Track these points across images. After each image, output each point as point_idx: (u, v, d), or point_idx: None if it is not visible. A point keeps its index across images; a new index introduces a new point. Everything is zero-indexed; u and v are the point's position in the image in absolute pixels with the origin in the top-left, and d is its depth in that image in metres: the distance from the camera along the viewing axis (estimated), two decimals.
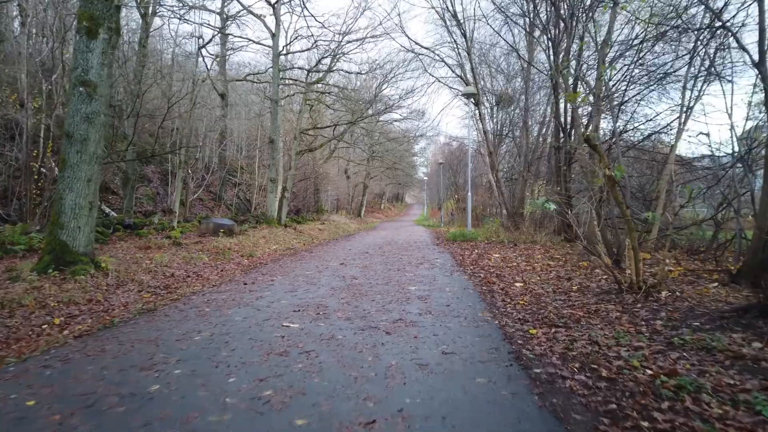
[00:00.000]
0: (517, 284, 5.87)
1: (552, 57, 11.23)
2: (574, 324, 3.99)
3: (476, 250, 9.95)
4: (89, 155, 7.44)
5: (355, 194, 37.95)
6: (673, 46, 9.49)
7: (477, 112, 15.99)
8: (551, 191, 15.06)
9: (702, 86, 8.79)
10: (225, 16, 21.75)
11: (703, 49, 6.94)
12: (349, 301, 4.94)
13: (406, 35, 17.32)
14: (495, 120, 21.34)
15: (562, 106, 11.61)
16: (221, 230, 15.15)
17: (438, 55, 16.08)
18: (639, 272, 4.94)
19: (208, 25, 20.00)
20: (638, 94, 10.83)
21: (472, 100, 15.95)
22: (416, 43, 25.73)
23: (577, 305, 4.66)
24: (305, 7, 19.76)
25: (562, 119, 11.78)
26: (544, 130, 16.88)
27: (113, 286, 7.26)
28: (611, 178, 4.94)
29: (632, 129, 10.95)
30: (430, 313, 4.35)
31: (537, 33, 14.15)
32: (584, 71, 10.54)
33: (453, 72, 16.21)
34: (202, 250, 11.79)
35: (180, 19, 17.62)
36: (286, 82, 22.12)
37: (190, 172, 18.48)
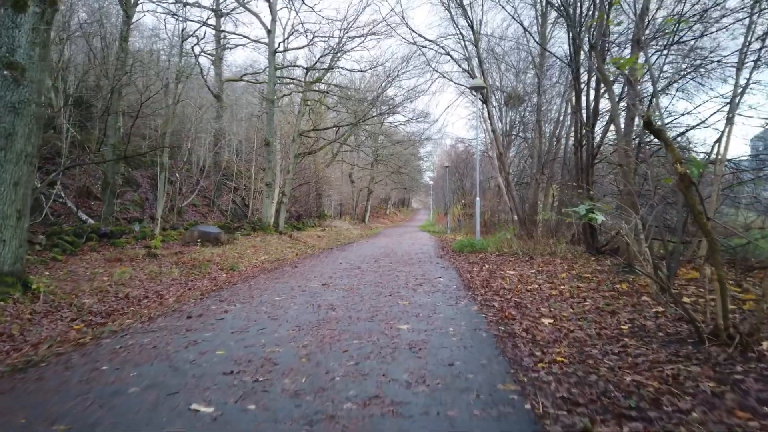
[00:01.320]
0: (546, 321, 4.32)
1: (571, 39, 9.68)
2: (653, 410, 2.44)
3: (486, 265, 8.39)
4: (16, 153, 6.03)
5: (360, 199, 36.51)
6: (719, 25, 7.92)
7: (485, 110, 14.45)
8: (570, 195, 13.45)
9: (752, 72, 7.25)
10: (219, 13, 20.49)
11: None
12: (311, 354, 3.42)
13: (408, 26, 16.07)
14: (504, 121, 19.79)
15: (584, 98, 10.03)
16: (207, 239, 13.77)
17: (443, 48, 14.61)
18: (727, 313, 3.38)
19: (203, 22, 18.72)
20: (675, 82, 9.26)
21: (479, 96, 14.42)
22: (419, 35, 24.24)
23: (642, 365, 3.10)
24: (303, 1, 18.43)
25: (584, 112, 10.19)
26: (559, 130, 15.29)
27: (41, 313, 5.83)
28: (686, 176, 3.39)
29: (668, 124, 9.34)
30: (424, 383, 2.81)
31: (552, 17, 12.64)
32: (614, 53, 8.96)
33: (459, 66, 14.71)
34: (178, 262, 10.39)
35: (173, 17, 16.36)
36: (284, 81, 20.79)
37: (178, 175, 17.15)
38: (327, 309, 4.90)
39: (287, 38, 18.59)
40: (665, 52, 9.09)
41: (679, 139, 9.76)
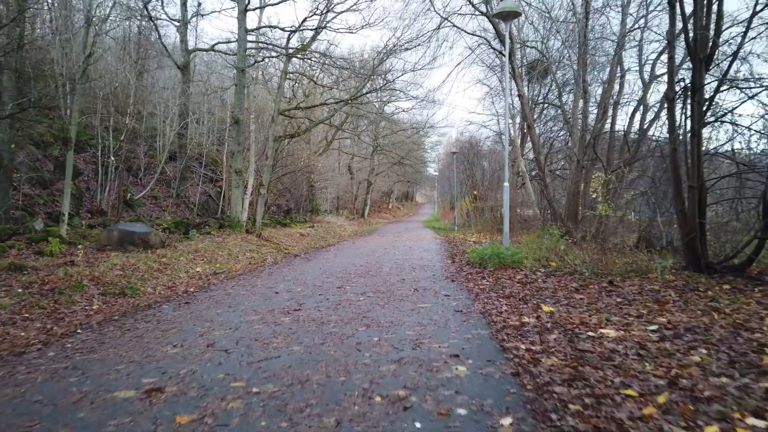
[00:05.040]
0: None
1: None
2: None
3: (544, 306, 4.15)
4: None
5: (359, 192, 32.30)
6: None
7: (509, 66, 10.09)
8: (620, 183, 9.15)
9: None
10: None
11: None
12: None
13: None
14: (513, 111, 15.43)
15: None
16: (130, 241, 9.71)
17: None
18: None
19: None
20: None
21: (502, 55, 10.12)
22: None
23: None
24: None
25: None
26: (607, 97, 10.90)
27: None
28: None
29: None
30: None
31: None
32: None
33: (473, 6, 10.30)
34: (35, 282, 6.35)
35: None
36: (260, 46, 16.55)
37: (113, 158, 13.08)
38: None
39: None
40: None
41: None
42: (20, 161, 12.59)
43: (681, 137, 6.19)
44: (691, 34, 5.68)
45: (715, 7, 5.70)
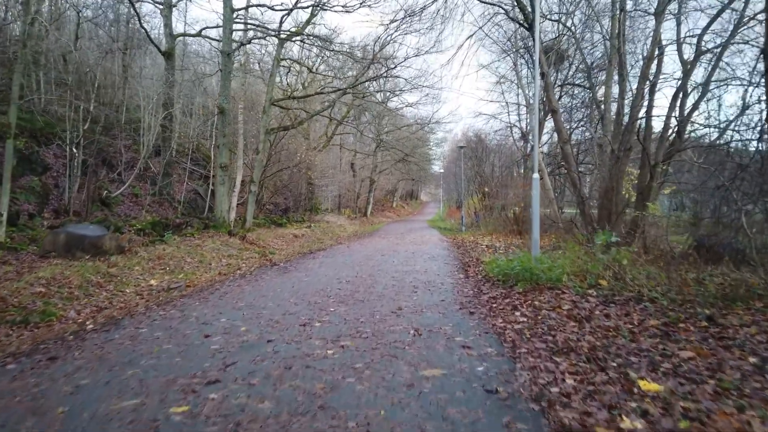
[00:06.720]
0: None
1: None
2: None
3: (640, 380, 2.39)
4: None
5: (362, 190, 30.54)
6: None
7: (538, 26, 8.22)
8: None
9: None
10: None
11: None
12: None
13: None
14: (533, 92, 13.55)
15: None
16: (79, 246, 8.05)
17: None
18: None
19: None
20: None
21: (522, 26, 8.26)
22: None
23: None
24: None
25: None
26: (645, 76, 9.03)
27: None
28: None
29: None
30: None
31: None
32: None
33: None
34: None
35: None
36: (248, 28, 14.82)
37: (75, 150, 11.43)
38: None
39: None
40: None
41: None
42: None
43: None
44: None
45: None
